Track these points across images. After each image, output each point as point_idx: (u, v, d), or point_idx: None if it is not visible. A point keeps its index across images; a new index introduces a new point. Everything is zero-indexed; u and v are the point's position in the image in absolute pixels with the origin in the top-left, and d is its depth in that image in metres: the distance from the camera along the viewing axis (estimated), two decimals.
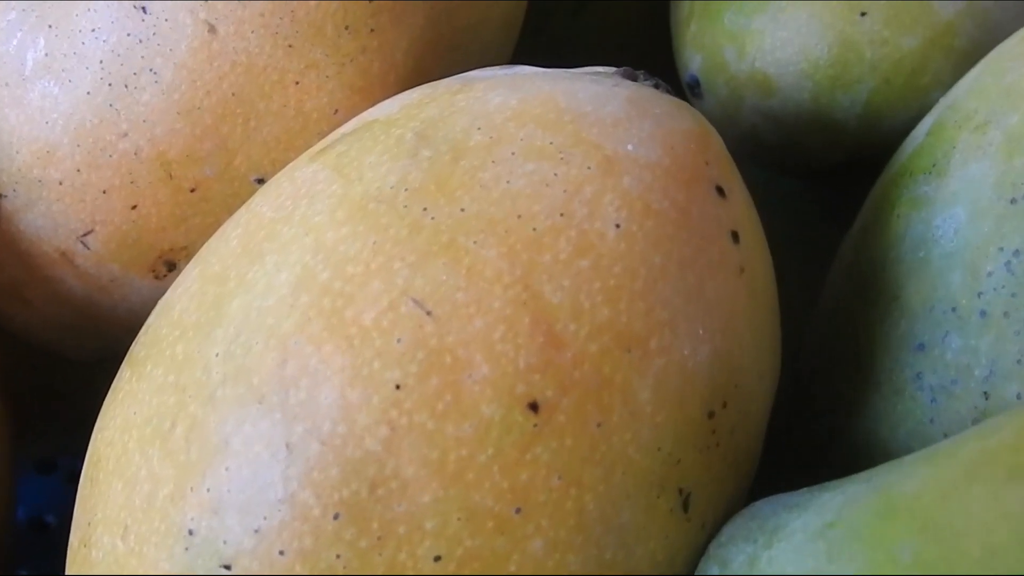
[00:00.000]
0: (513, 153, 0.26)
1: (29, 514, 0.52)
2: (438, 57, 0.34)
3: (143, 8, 0.32)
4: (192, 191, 0.33)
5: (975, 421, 0.29)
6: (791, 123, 0.38)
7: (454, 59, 0.35)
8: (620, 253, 0.25)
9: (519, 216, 0.25)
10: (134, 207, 0.34)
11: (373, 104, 0.33)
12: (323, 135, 0.33)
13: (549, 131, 0.26)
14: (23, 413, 0.40)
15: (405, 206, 0.25)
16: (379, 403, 0.24)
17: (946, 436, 0.30)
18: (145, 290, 0.36)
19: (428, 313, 0.24)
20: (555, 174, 0.26)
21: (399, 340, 0.24)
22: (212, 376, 0.25)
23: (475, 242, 0.25)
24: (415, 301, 0.24)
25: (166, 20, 0.32)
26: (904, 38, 0.37)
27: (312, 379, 0.24)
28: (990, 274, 0.29)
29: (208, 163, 0.33)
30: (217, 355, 0.25)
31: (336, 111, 0.33)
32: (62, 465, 0.53)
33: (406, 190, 0.26)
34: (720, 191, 0.27)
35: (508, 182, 0.25)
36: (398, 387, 0.24)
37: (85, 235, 0.34)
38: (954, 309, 0.30)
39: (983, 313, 0.29)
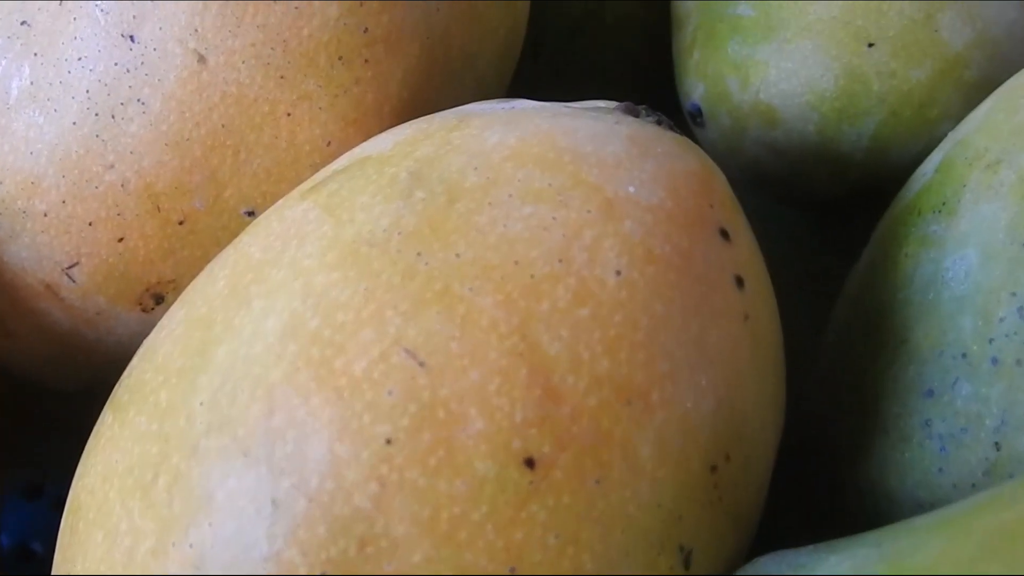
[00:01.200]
0: (510, 195, 0.25)
1: (14, 541, 0.51)
2: (434, 87, 0.33)
3: (131, 37, 0.31)
4: (180, 224, 0.32)
5: (986, 473, 0.28)
6: (795, 155, 0.37)
7: (451, 89, 0.34)
8: (620, 301, 0.24)
9: (516, 262, 0.24)
10: (121, 240, 0.33)
11: (367, 136, 0.32)
12: (316, 167, 0.32)
13: (548, 172, 0.25)
14: (9, 438, 0.39)
15: (398, 250, 0.24)
16: (369, 458, 0.23)
17: (956, 487, 0.29)
18: (132, 323, 0.35)
19: (421, 364, 0.23)
20: (553, 217, 0.25)
21: (390, 392, 0.23)
22: (196, 426, 0.24)
23: (470, 289, 0.24)
24: (407, 351, 0.23)
25: (154, 50, 0.31)
26: (912, 70, 0.36)
27: (299, 432, 0.23)
28: (1002, 320, 0.28)
29: (197, 195, 0.32)
30: (201, 404, 0.24)
31: (329, 143, 0.32)
32: (49, 492, 0.52)
33: (399, 233, 0.25)
34: (724, 234, 0.26)
35: (505, 226, 0.25)
36: (389, 442, 0.23)
37: (70, 267, 0.33)
38: (964, 355, 0.29)
39: (995, 360, 0.28)
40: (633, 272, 0.24)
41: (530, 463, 0.23)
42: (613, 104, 0.29)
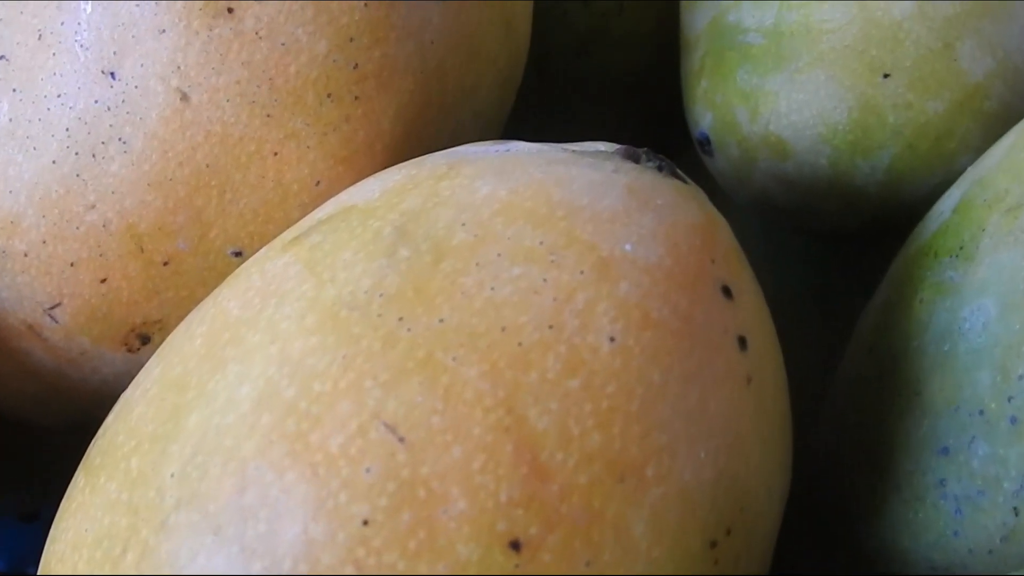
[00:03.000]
0: (499, 254, 0.24)
1: (10, 565, 0.50)
2: (428, 123, 0.32)
3: (112, 74, 0.30)
4: (165, 264, 0.31)
5: (1004, 539, 0.27)
6: (807, 188, 0.36)
7: (446, 124, 0.33)
8: (614, 371, 0.23)
9: (503, 328, 0.23)
10: (103, 280, 0.32)
11: (358, 174, 0.31)
12: (305, 207, 0.31)
13: (539, 228, 0.24)
14: (4, 462, 0.38)
15: (379, 315, 0.23)
16: (345, 540, 0.21)
17: (972, 552, 0.27)
18: (118, 363, 0.34)
19: (400, 440, 0.22)
20: (544, 279, 0.23)
21: (368, 470, 0.22)
22: (166, 499, 0.23)
23: (454, 359, 0.22)
24: (387, 426, 0.22)
25: (136, 87, 0.30)
26: (930, 101, 0.34)
27: (273, 510, 0.22)
28: (1022, 377, 0.27)
29: (181, 236, 0.31)
30: (172, 475, 0.23)
31: (318, 182, 0.31)
32: (44, 516, 0.51)
33: (381, 296, 0.23)
34: (726, 291, 0.25)
35: (492, 288, 0.23)
36: (366, 523, 0.21)
37: (52, 308, 0.32)
38: (981, 412, 0.28)
39: (1014, 420, 0.27)
40: (628, 338, 0.23)
41: (516, 545, 0.21)
42: (613, 147, 0.28)
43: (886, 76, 0.34)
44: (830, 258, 0.44)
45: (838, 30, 0.34)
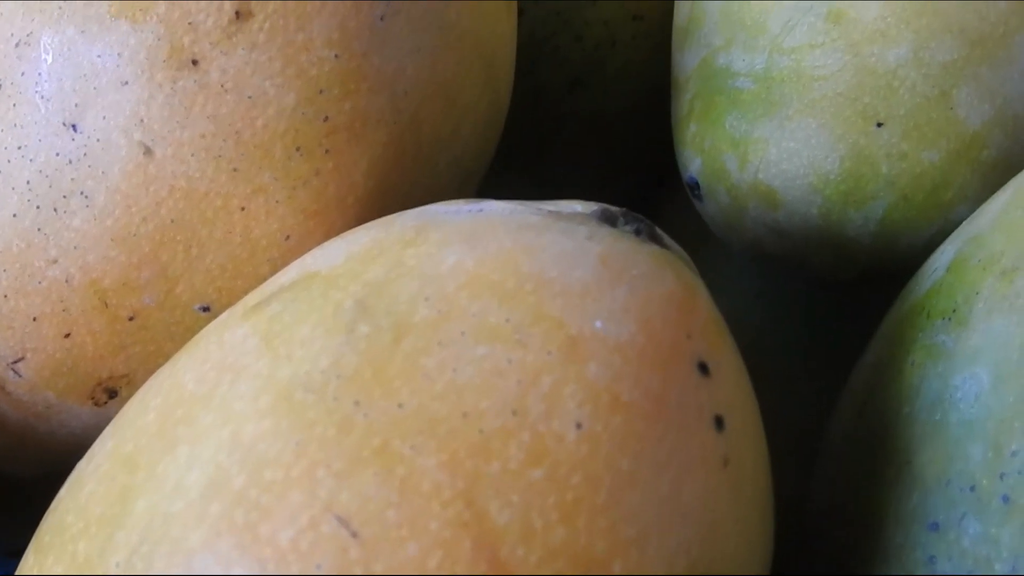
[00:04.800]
0: (463, 333, 0.23)
1: None
2: (403, 175, 0.31)
3: (73, 126, 0.29)
4: (131, 319, 0.30)
5: None
6: (798, 238, 0.35)
7: (422, 175, 0.32)
8: (581, 459, 0.22)
9: (465, 414, 0.22)
10: (67, 335, 0.31)
11: (329, 228, 0.30)
12: (274, 262, 0.30)
13: (506, 304, 0.23)
14: None
15: (335, 398, 0.22)
16: None
17: None
18: (85, 416, 0.33)
19: (353, 535, 0.21)
20: (509, 360, 0.22)
21: (319, 566, 0.21)
22: None
23: (412, 447, 0.21)
24: (339, 519, 0.21)
25: (98, 140, 0.29)
26: (925, 151, 0.33)
27: None
28: (1014, 454, 0.26)
29: (147, 291, 0.30)
30: (117, 564, 0.22)
31: (288, 237, 0.30)
32: None
33: (338, 377, 0.22)
34: (703, 368, 0.24)
35: (454, 370, 0.22)
36: None
37: (15, 362, 0.31)
38: (972, 488, 0.26)
39: (1006, 499, 0.26)
40: (596, 424, 0.22)
41: None
42: (591, 207, 0.27)
43: (880, 125, 0.33)
44: (827, 298, 0.43)
45: (830, 77, 0.33)
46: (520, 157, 0.45)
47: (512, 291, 0.23)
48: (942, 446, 0.27)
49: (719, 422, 0.24)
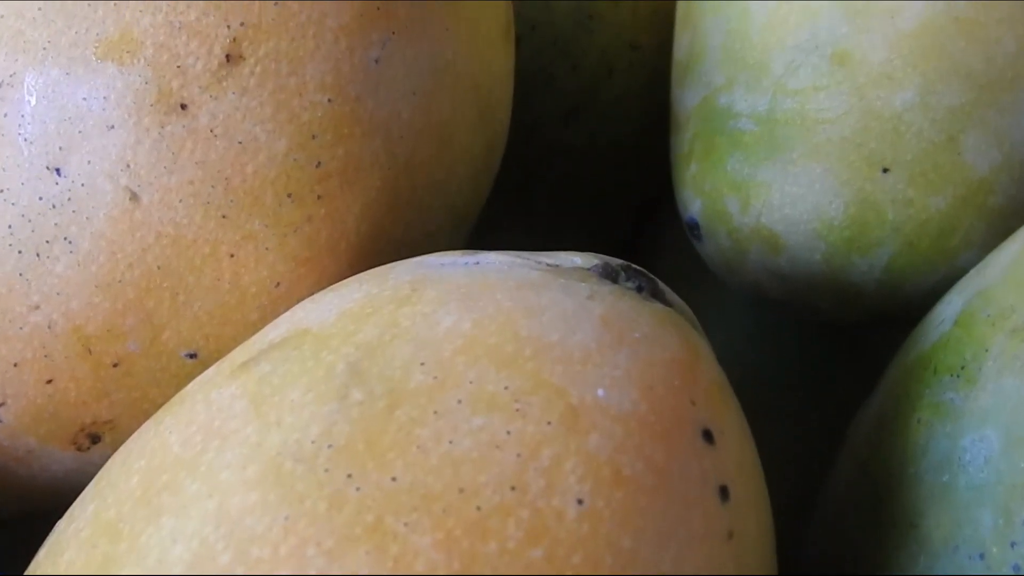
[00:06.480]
0: (460, 401, 0.22)
1: None
2: (397, 219, 0.30)
3: (57, 170, 0.28)
4: (115, 366, 0.29)
5: None
6: (801, 283, 0.34)
7: (417, 219, 0.31)
8: (581, 537, 0.21)
9: (461, 490, 0.21)
10: (49, 381, 0.30)
11: (321, 275, 0.29)
12: (264, 309, 0.29)
13: (505, 370, 0.22)
14: None
15: (326, 470, 0.21)
16: None
17: None
18: (68, 461, 0.32)
19: None
20: (508, 432, 0.21)
21: None
22: None
23: (405, 525, 0.20)
24: None
25: (82, 185, 0.28)
26: (932, 197, 0.32)
27: None
28: None
29: (132, 338, 0.29)
30: None
31: (278, 284, 0.29)
32: None
33: (329, 447, 0.21)
34: (707, 436, 0.23)
35: (451, 442, 0.21)
36: None
37: None
38: (982, 556, 0.26)
39: (1017, 568, 0.25)
40: (598, 500, 0.21)
41: None
42: (591, 261, 0.26)
43: (885, 170, 0.32)
44: (833, 344, 0.42)
45: (835, 120, 0.32)
46: (513, 192, 0.44)
47: (511, 356, 0.22)
48: (950, 510, 0.27)
49: (724, 492, 0.23)
